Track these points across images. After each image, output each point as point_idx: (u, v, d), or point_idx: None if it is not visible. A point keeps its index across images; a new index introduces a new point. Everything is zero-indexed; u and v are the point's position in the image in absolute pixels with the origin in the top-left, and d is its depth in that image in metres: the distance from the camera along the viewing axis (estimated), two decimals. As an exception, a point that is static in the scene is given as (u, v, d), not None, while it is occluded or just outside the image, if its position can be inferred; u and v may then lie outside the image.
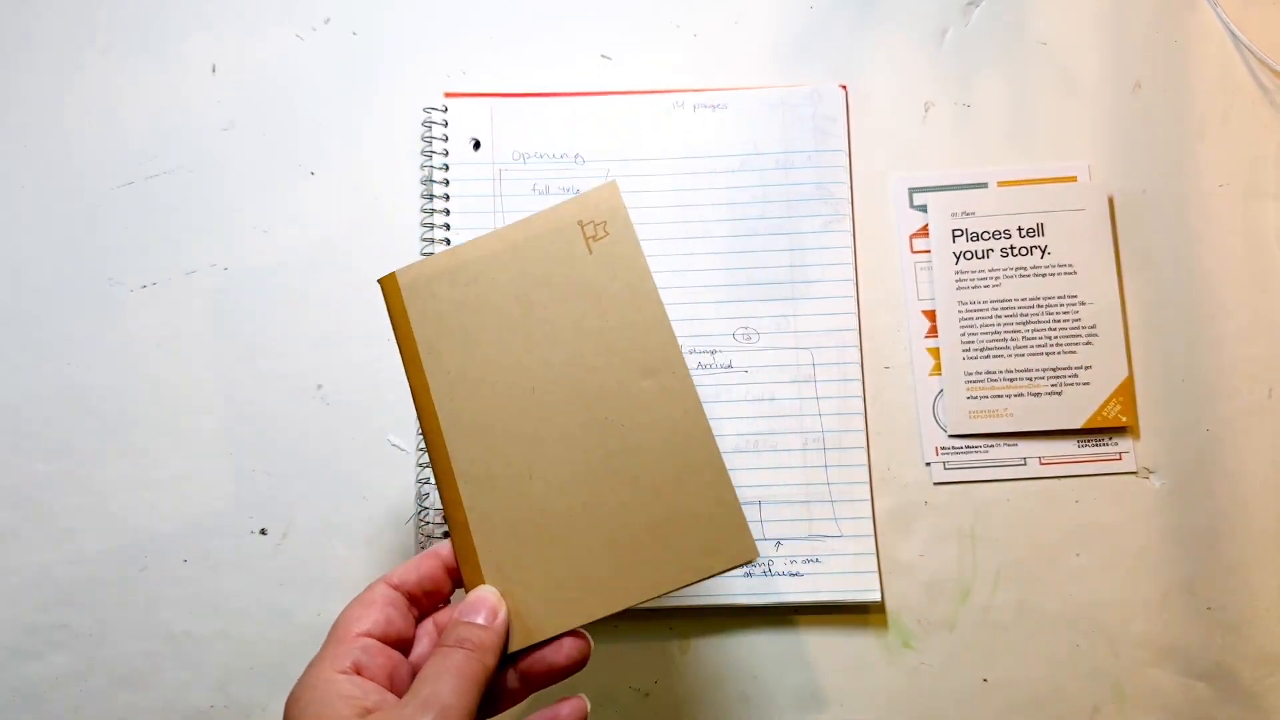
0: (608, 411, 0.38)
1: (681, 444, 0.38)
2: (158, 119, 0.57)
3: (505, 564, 0.38)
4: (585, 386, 0.39)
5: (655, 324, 0.39)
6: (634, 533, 0.38)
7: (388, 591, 0.38)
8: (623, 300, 0.39)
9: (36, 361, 0.54)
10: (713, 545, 0.37)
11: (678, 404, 0.38)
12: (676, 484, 0.38)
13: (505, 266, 0.40)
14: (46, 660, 0.51)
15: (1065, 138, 0.56)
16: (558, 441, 0.38)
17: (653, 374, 0.38)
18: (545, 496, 0.38)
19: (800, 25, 0.58)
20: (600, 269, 0.39)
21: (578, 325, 0.39)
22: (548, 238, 0.40)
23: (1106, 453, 0.52)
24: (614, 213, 0.39)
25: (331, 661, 0.35)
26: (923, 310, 0.54)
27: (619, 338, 0.39)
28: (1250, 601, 0.51)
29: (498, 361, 0.39)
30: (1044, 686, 0.50)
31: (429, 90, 0.57)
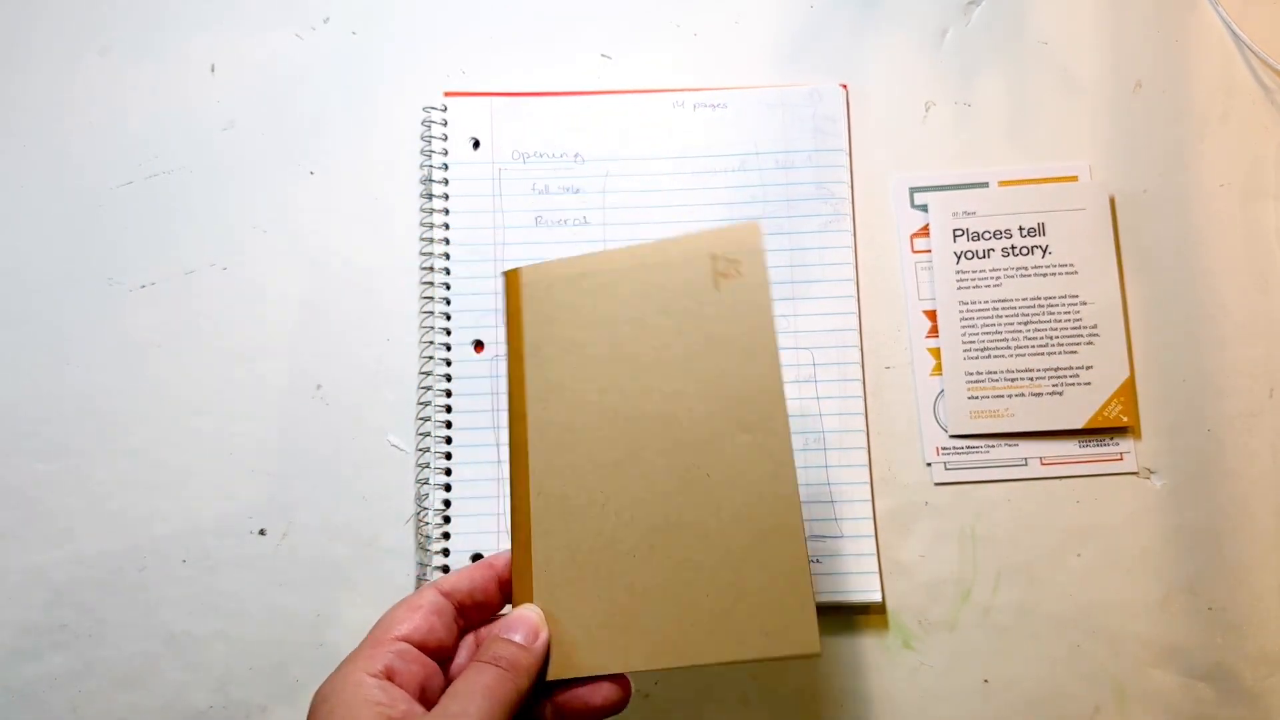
0: (697, 458, 0.36)
1: (766, 511, 0.35)
2: (157, 119, 0.57)
3: (558, 588, 0.36)
4: (680, 427, 0.37)
5: (767, 378, 0.36)
6: (696, 591, 0.35)
7: (436, 598, 0.37)
8: (739, 346, 0.37)
9: (36, 361, 0.54)
10: (774, 628, 0.35)
11: (770, 468, 0.36)
12: (751, 551, 0.35)
13: (628, 285, 0.38)
14: (45, 660, 0.51)
15: (1066, 137, 0.56)
16: (640, 477, 0.36)
17: (751, 430, 0.36)
18: (615, 530, 0.36)
19: (800, 25, 0.58)
20: (723, 309, 0.37)
21: (687, 362, 0.37)
22: (677, 265, 0.38)
23: (1107, 453, 0.52)
24: (751, 254, 0.37)
25: (365, 662, 0.34)
26: (923, 310, 0.54)
27: (726, 385, 0.37)
28: (1251, 602, 0.51)
29: (599, 380, 0.38)
30: (1045, 687, 0.50)
31: (429, 90, 0.57)
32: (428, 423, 0.53)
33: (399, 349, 0.54)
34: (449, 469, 0.52)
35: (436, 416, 0.53)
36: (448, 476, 0.52)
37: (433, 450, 0.52)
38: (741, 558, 0.35)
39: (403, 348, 0.54)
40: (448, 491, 0.52)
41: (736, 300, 0.37)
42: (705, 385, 0.37)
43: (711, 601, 0.35)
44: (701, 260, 0.38)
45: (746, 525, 0.35)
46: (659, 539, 0.36)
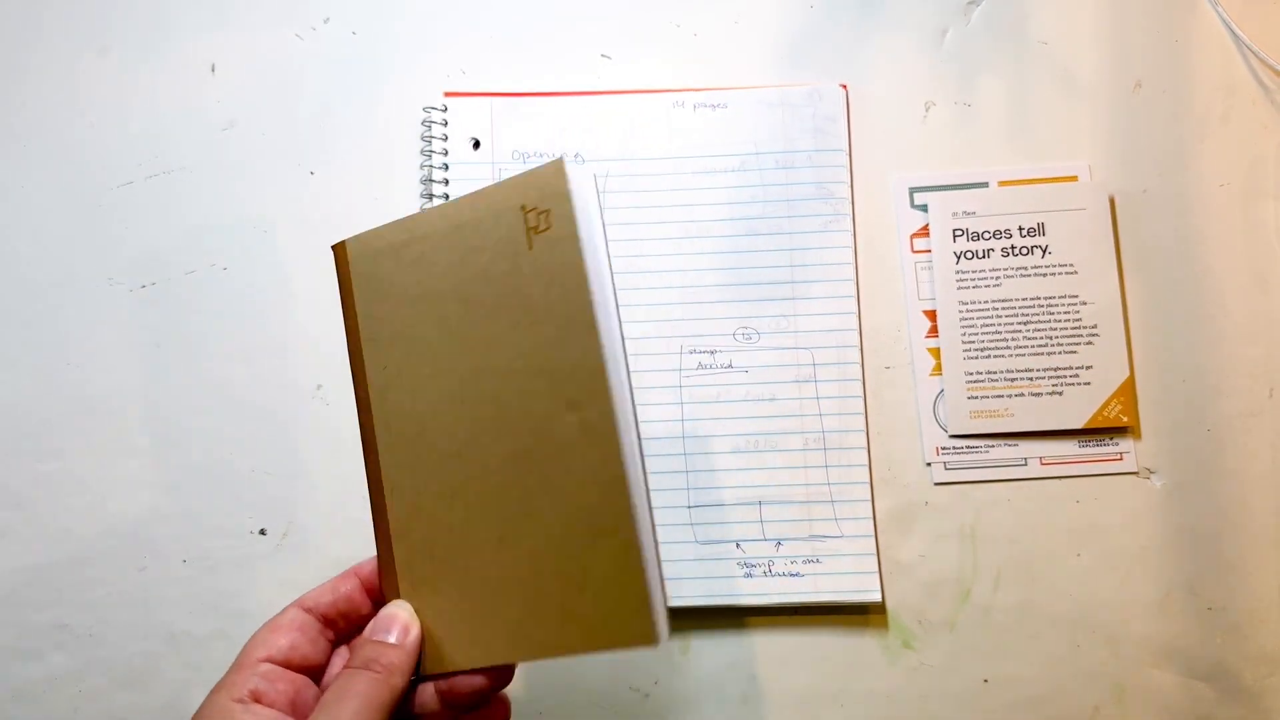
0: (530, 442, 0.33)
1: (597, 496, 0.32)
2: (158, 119, 0.57)
3: (422, 584, 0.35)
4: (510, 408, 0.33)
5: (586, 347, 0.32)
6: (544, 582, 0.33)
7: (297, 614, 0.36)
8: (557, 313, 0.32)
9: (36, 361, 0.54)
10: (614, 619, 0.32)
11: (599, 448, 0.32)
12: (587, 541, 0.33)
13: (447, 251, 0.34)
14: (46, 660, 0.51)
15: (1066, 137, 0.56)
16: (480, 465, 0.34)
17: (576, 407, 0.32)
18: (465, 523, 0.34)
19: (800, 25, 0.58)
20: (538, 271, 0.33)
21: (509, 336, 0.33)
22: (490, 222, 0.33)
23: (1107, 453, 0.52)
24: (558, 198, 0.32)
25: (228, 689, 0.33)
26: (923, 310, 0.54)
27: (548, 357, 0.33)
28: (1251, 601, 0.51)
29: (431, 364, 0.35)
30: (1044, 686, 0.50)
31: (429, 90, 0.57)
32: (428, 423, 0.53)
33: (399, 349, 0.54)
34: (449, 469, 0.52)
35: (437, 416, 0.53)
36: (448, 476, 0.52)
37: (433, 450, 0.52)
38: (580, 547, 0.33)
39: (403, 348, 0.54)
40: (448, 491, 0.52)
41: (550, 259, 0.32)
42: (529, 360, 0.33)
43: (558, 593, 0.33)
44: (512, 214, 0.33)
45: (581, 512, 0.33)
46: (507, 530, 0.34)
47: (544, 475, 0.33)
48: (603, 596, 0.33)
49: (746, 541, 0.51)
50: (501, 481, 0.34)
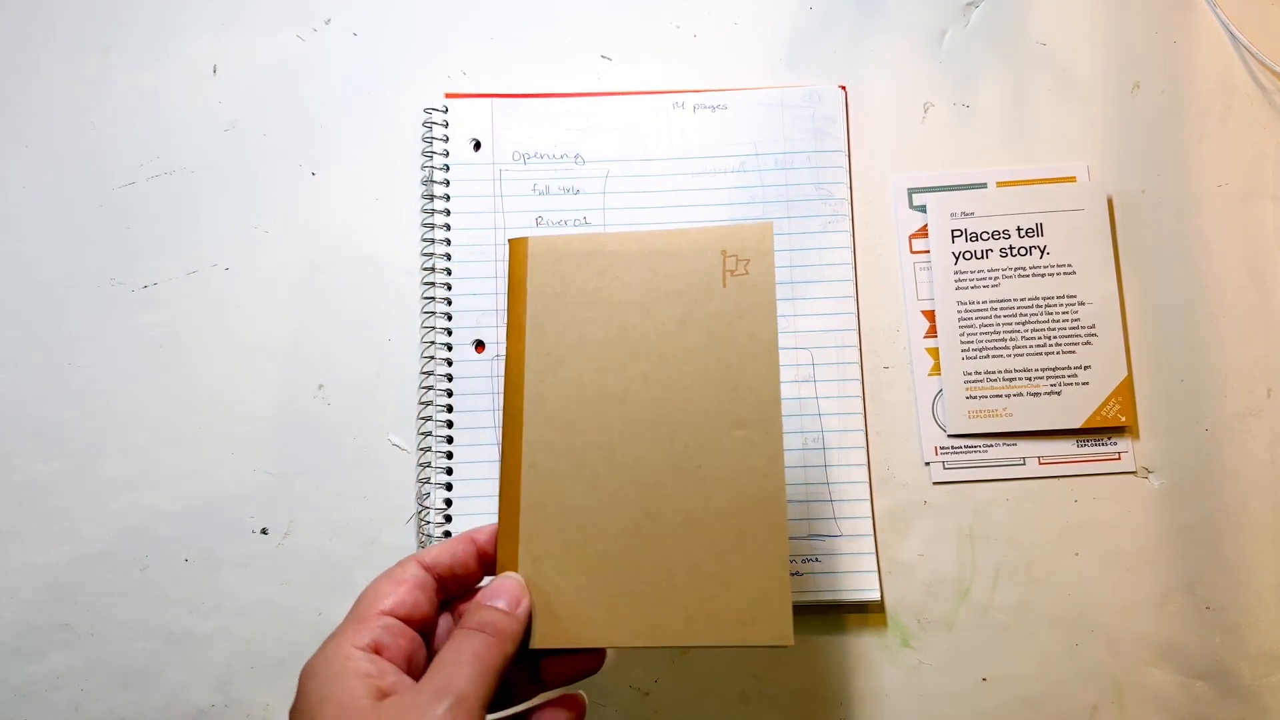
0: (691, 448, 0.37)
1: (752, 505, 0.37)
2: (159, 119, 0.57)
3: (543, 560, 0.37)
4: (675, 415, 0.38)
5: (766, 378, 0.38)
6: (679, 576, 0.37)
7: (419, 572, 0.37)
8: (740, 343, 0.38)
9: (38, 361, 0.54)
10: (751, 617, 0.36)
11: (761, 464, 0.37)
12: (735, 543, 0.37)
13: (637, 270, 0.39)
14: (48, 659, 0.51)
15: (1064, 138, 0.56)
16: (633, 460, 0.37)
17: (746, 426, 0.37)
18: (603, 510, 0.37)
19: (800, 26, 0.58)
20: (728, 305, 0.38)
21: (688, 353, 0.38)
22: (687, 256, 0.39)
23: (1105, 452, 0.52)
24: (761, 254, 0.39)
25: (352, 636, 0.34)
26: (922, 310, 0.54)
27: (724, 379, 0.38)
28: (1249, 600, 0.51)
29: (599, 361, 0.38)
30: (1043, 685, 0.50)
31: (429, 91, 0.57)
32: (429, 422, 0.53)
33: (400, 349, 0.54)
34: (450, 468, 0.52)
35: (438, 416, 0.53)
36: (449, 476, 0.52)
37: (434, 450, 0.52)
38: (726, 549, 0.37)
39: (404, 348, 0.54)
40: (449, 491, 0.52)
41: (742, 298, 0.38)
42: (704, 378, 0.38)
43: (693, 588, 0.36)
44: (712, 255, 0.39)
45: (733, 518, 0.37)
46: (646, 523, 0.37)
47: (699, 480, 0.37)
48: (745, 596, 0.36)
49: (746, 541, 0.51)
50: (651, 479, 0.37)
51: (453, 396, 0.53)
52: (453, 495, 0.52)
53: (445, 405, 0.53)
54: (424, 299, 0.54)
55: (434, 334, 0.54)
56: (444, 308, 0.54)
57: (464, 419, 0.53)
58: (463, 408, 0.53)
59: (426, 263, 0.55)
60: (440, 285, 0.54)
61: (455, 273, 0.54)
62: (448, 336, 0.53)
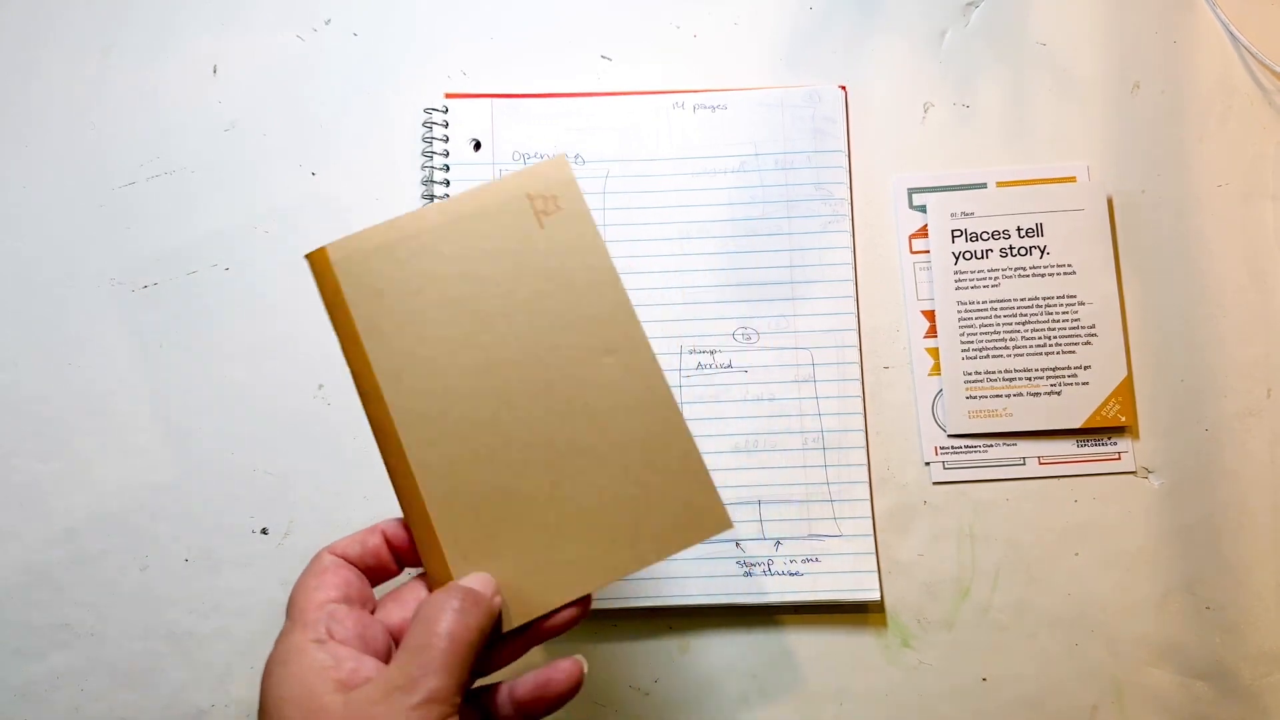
0: (569, 390, 0.37)
1: (648, 420, 0.37)
2: (160, 120, 0.57)
3: (471, 552, 0.36)
4: (544, 366, 0.37)
5: (614, 301, 0.38)
6: (607, 510, 0.37)
7: (334, 559, 0.36)
8: (578, 277, 0.38)
9: (38, 361, 0.54)
10: (688, 519, 0.37)
11: (641, 380, 0.37)
12: (645, 460, 0.37)
13: (450, 241, 0.38)
14: (48, 659, 0.51)
15: (1064, 138, 0.56)
16: (518, 423, 0.37)
17: (614, 351, 0.38)
18: (510, 480, 0.37)
19: (800, 26, 0.58)
20: (553, 245, 0.38)
21: (531, 304, 0.37)
22: (495, 212, 0.38)
23: (1105, 452, 0.52)
24: (565, 186, 0.38)
25: (301, 632, 0.33)
26: (922, 310, 0.54)
27: (576, 315, 0.38)
28: (1249, 600, 0.51)
29: (448, 341, 0.37)
30: (1043, 685, 0.50)
31: (429, 91, 0.57)
32: (428, 422, 0.53)
33: (400, 349, 0.54)
34: (450, 468, 0.52)
35: (437, 416, 0.53)
36: (448, 476, 0.52)
37: (433, 450, 0.52)
38: (640, 469, 0.37)
39: (404, 348, 0.54)
40: (448, 491, 0.52)
41: (564, 234, 0.38)
42: (556, 321, 0.37)
43: (625, 515, 0.37)
44: (519, 202, 0.38)
45: (635, 438, 0.37)
46: (556, 475, 0.37)
47: (590, 417, 0.37)
48: (673, 501, 0.37)
49: (746, 541, 0.51)
50: (545, 433, 0.37)
51: (453, 396, 0.53)
52: (453, 495, 0.52)
53: (445, 405, 0.53)
54: (424, 299, 0.54)
55: (434, 334, 0.54)
56: (444, 308, 0.54)
57: (464, 419, 0.53)
58: (463, 408, 0.53)
59: (426, 263, 0.55)
60: (440, 285, 0.54)
61: (455, 273, 0.54)
62: (448, 336, 0.53)
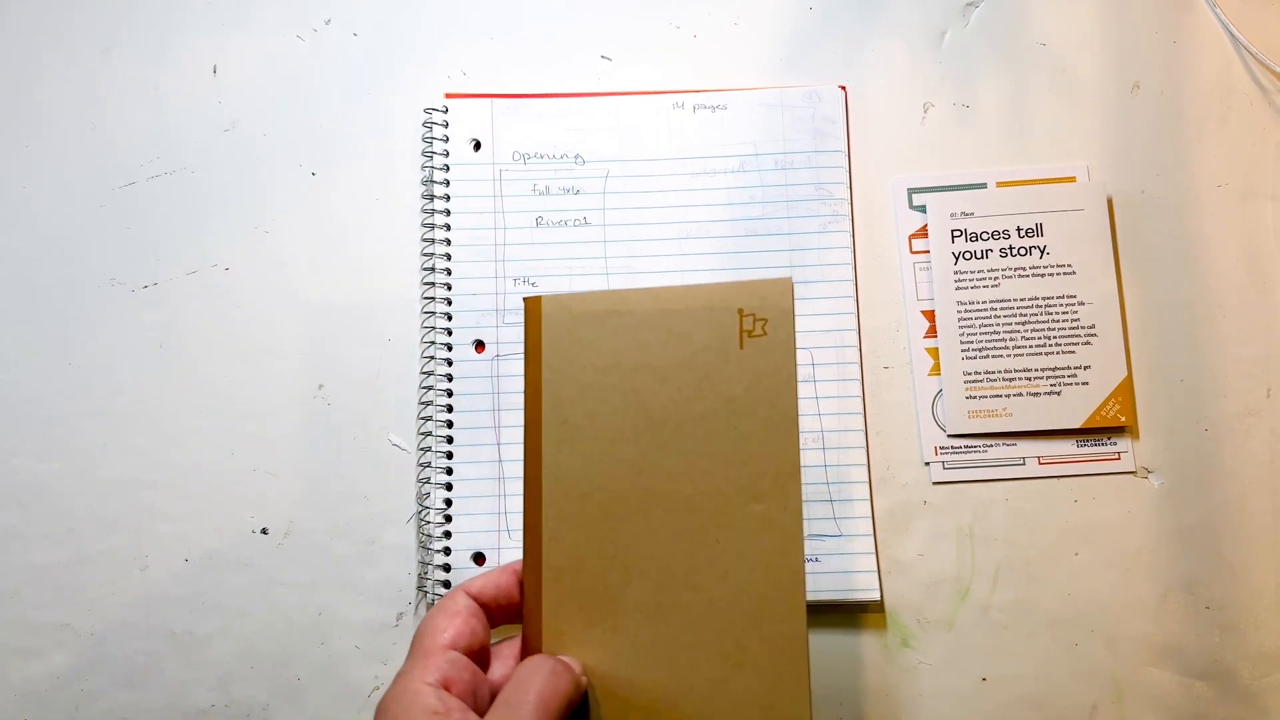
0: (707, 522, 0.36)
1: (771, 585, 0.35)
2: (159, 120, 0.57)
3: (564, 634, 0.36)
4: (692, 487, 0.36)
5: (785, 449, 0.36)
6: (698, 654, 0.35)
7: (469, 602, 0.37)
8: (758, 412, 0.36)
9: (37, 361, 0.54)
10: (769, 702, 0.35)
11: (780, 540, 0.35)
12: (753, 623, 0.35)
13: (651, 330, 0.37)
14: (47, 659, 0.51)
15: (1064, 138, 0.56)
16: (649, 533, 0.36)
17: (764, 500, 0.36)
18: (623, 585, 0.36)
19: (800, 26, 0.58)
20: (745, 369, 0.36)
21: (705, 421, 0.36)
22: (703, 316, 0.37)
23: (1105, 452, 0.52)
24: (780, 313, 0.36)
25: (420, 672, 0.34)
26: (922, 310, 0.54)
27: (741, 449, 0.36)
28: (1249, 601, 0.51)
29: (615, 429, 0.36)
30: (1043, 685, 0.50)
31: (429, 91, 0.57)
32: (429, 422, 0.53)
33: (400, 349, 0.54)
34: (450, 468, 0.52)
35: (438, 416, 0.53)
36: (449, 476, 0.52)
37: (434, 450, 0.52)
38: (743, 629, 0.35)
39: (404, 348, 0.54)
40: (449, 491, 0.52)
41: (760, 361, 0.36)
42: (720, 448, 0.36)
43: (711, 667, 0.35)
44: (727, 314, 0.36)
45: (751, 597, 0.35)
46: (665, 598, 0.36)
47: (715, 557, 0.35)
48: (762, 679, 0.35)
49: (746, 541, 0.51)
50: (668, 554, 0.36)
51: (453, 396, 0.53)
52: (453, 495, 0.52)
53: (445, 405, 0.53)
54: (424, 299, 0.54)
55: (434, 334, 0.54)
56: (444, 308, 0.54)
57: (464, 419, 0.53)
58: (463, 408, 0.53)
59: (426, 263, 0.55)
60: (440, 285, 0.54)
61: (455, 273, 0.54)
62: (448, 336, 0.54)
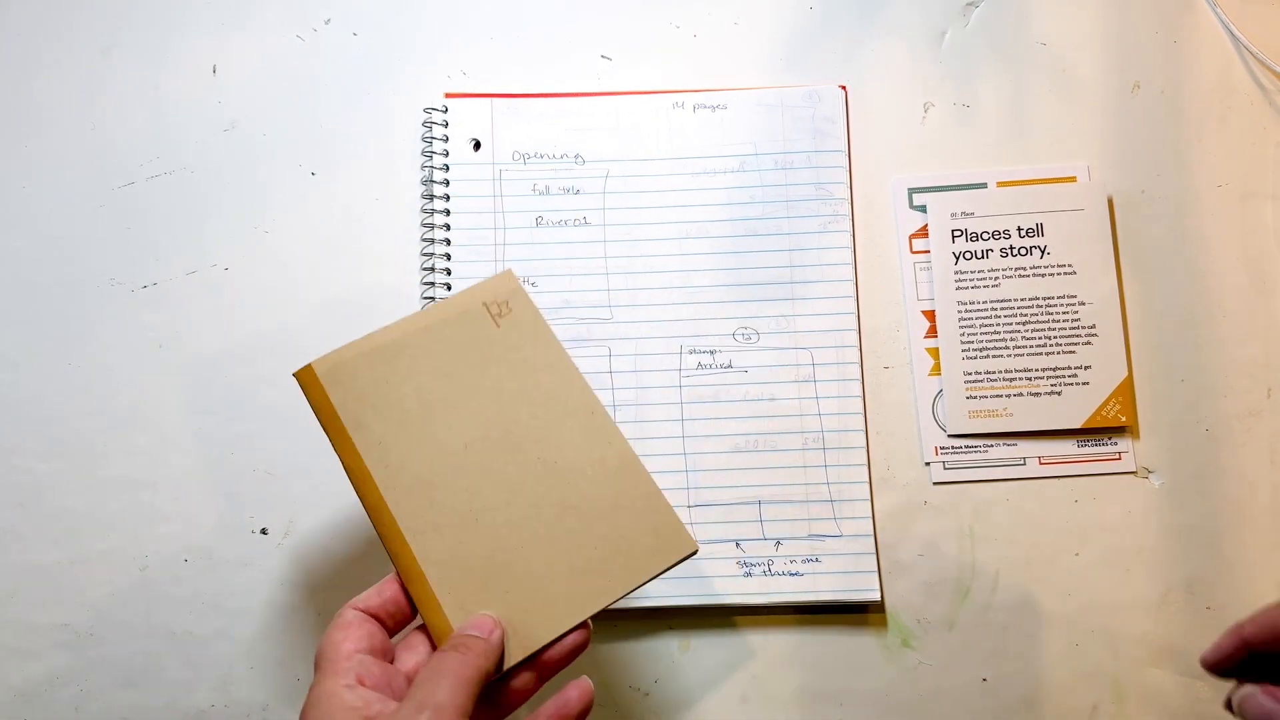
0: (537, 453, 0.42)
1: (609, 468, 0.42)
2: (159, 120, 0.57)
3: (468, 602, 0.40)
4: (513, 437, 0.42)
5: (565, 375, 0.44)
6: (585, 549, 0.41)
7: (357, 614, 0.39)
8: (535, 361, 0.44)
9: (37, 361, 0.54)
10: (656, 546, 0.42)
11: (599, 435, 0.43)
12: (613, 501, 0.42)
13: (421, 345, 0.43)
14: (47, 660, 0.51)
15: (1064, 138, 0.56)
16: (497, 487, 0.42)
17: (573, 414, 0.43)
18: (495, 537, 0.41)
19: (800, 26, 0.58)
20: (509, 339, 0.44)
21: (496, 387, 0.43)
22: (457, 320, 0.44)
23: (1106, 452, 0.52)
24: (514, 294, 0.45)
25: (332, 679, 0.36)
26: (922, 310, 0.54)
27: (539, 392, 0.43)
28: (1249, 600, 0.51)
29: (426, 426, 0.42)
30: (1043, 685, 0.50)
31: (429, 90, 0.57)
32: (428, 422, 0.53)
33: (400, 349, 0.54)
34: (450, 468, 0.52)
35: (437, 416, 0.53)
36: (448, 476, 0.52)
37: (433, 450, 0.52)
38: (608, 509, 0.42)
39: (403, 348, 0.54)
40: (448, 491, 0.52)
41: (518, 329, 0.44)
42: (521, 399, 0.43)
43: (600, 550, 0.41)
44: (477, 310, 0.44)
45: (603, 486, 0.42)
46: (536, 526, 0.42)
47: (559, 473, 0.42)
48: (642, 534, 0.42)
49: (746, 541, 0.51)
50: (522, 493, 0.42)
51: (453, 396, 0.53)
52: (453, 495, 0.52)
53: (445, 405, 0.53)
54: (424, 299, 0.54)
55: (434, 334, 0.54)
56: (444, 308, 0.54)
57: (464, 419, 0.53)
58: (463, 408, 0.53)
59: (426, 263, 0.55)
60: (440, 285, 0.54)
61: (455, 273, 0.54)
62: (448, 336, 0.53)
